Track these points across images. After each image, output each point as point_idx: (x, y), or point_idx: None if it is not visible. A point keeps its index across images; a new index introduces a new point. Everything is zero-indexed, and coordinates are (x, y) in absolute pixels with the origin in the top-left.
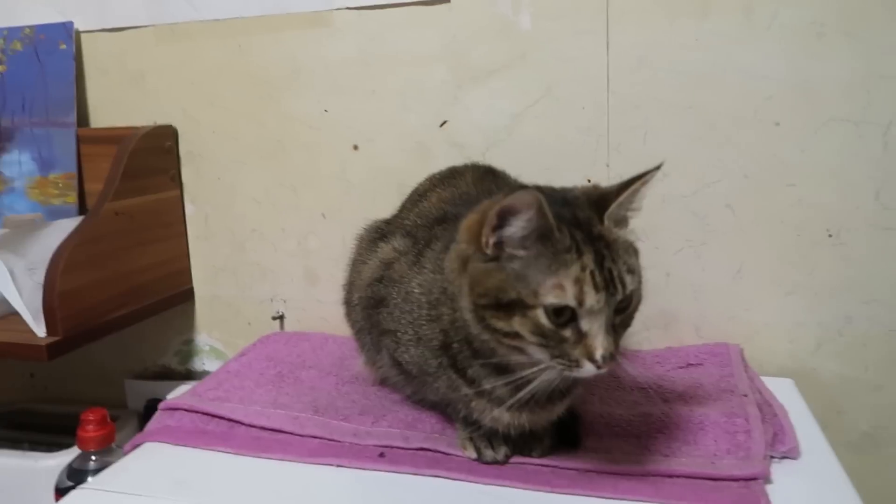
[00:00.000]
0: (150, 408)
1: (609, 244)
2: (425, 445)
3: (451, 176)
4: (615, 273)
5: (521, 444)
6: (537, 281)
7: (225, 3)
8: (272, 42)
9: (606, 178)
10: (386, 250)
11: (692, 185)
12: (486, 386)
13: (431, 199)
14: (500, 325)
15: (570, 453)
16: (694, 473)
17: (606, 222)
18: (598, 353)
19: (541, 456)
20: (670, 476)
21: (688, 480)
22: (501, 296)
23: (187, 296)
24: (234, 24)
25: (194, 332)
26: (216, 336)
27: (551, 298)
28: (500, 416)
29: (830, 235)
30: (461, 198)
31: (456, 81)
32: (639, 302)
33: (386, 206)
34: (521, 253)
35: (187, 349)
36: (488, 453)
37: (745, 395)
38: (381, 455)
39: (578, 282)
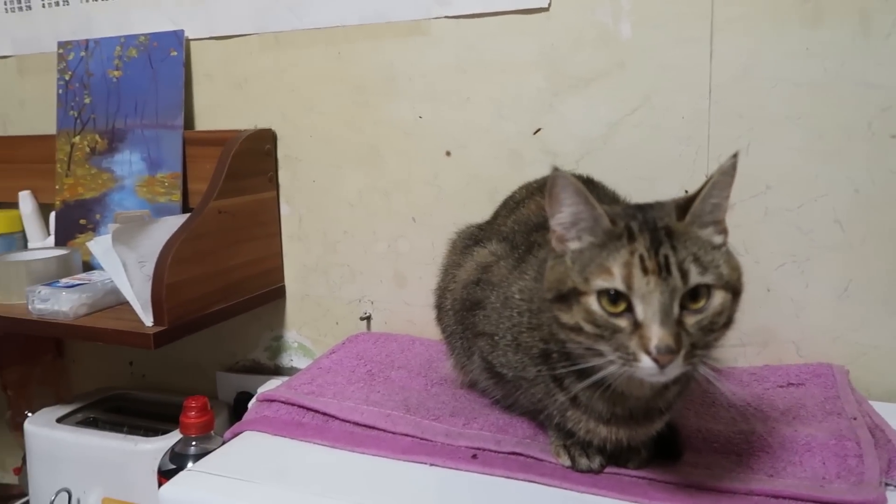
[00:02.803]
0: (241, 399)
1: (672, 233)
2: (517, 450)
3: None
4: (672, 259)
5: (617, 454)
6: (588, 267)
7: (326, 12)
8: (370, 50)
9: None
10: (483, 254)
11: (797, 198)
12: (573, 391)
13: (530, 206)
14: (565, 318)
15: (668, 466)
16: (801, 496)
17: (687, 219)
18: (653, 344)
19: (637, 468)
20: (775, 497)
21: (794, 502)
22: (561, 287)
23: (279, 293)
24: (335, 32)
25: (284, 329)
26: (305, 333)
27: (600, 282)
28: (597, 430)
29: None
30: None
31: (552, 89)
32: (724, 307)
33: (477, 212)
34: (576, 244)
35: (277, 345)
36: (583, 462)
37: (855, 419)
38: (474, 457)
39: (627, 265)
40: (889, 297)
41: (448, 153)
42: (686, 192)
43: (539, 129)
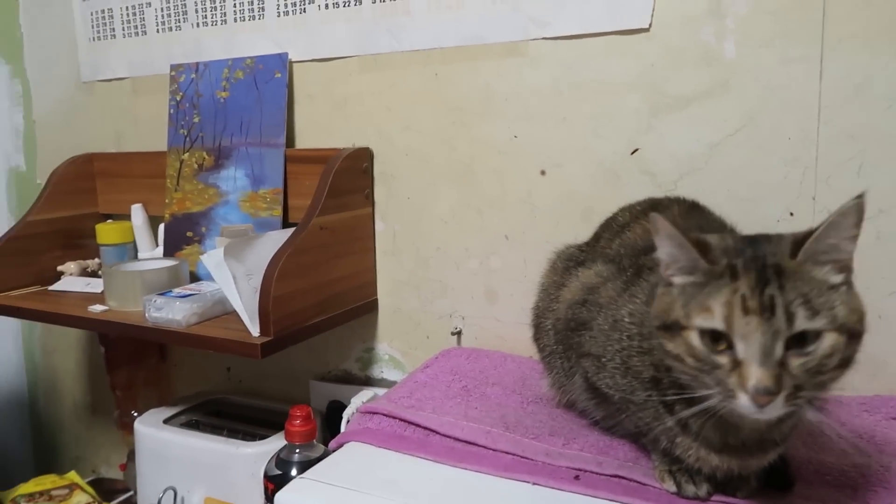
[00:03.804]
0: (333, 408)
1: (783, 272)
2: (620, 473)
3: (654, 208)
4: (779, 300)
5: (725, 482)
6: (690, 303)
7: (424, 35)
8: (467, 71)
9: (812, 212)
10: (588, 274)
11: None
12: (684, 417)
13: (636, 230)
14: (669, 346)
15: (778, 498)
16: None
17: (799, 257)
18: (750, 383)
19: (746, 497)
20: None
21: None
22: (666, 317)
23: (372, 307)
24: (433, 54)
25: (375, 341)
26: (396, 346)
27: (700, 320)
28: (708, 458)
29: None
30: None
31: (651, 109)
32: (836, 350)
33: (570, 231)
34: (680, 279)
35: (368, 356)
36: (690, 488)
37: None
38: (577, 478)
39: (728, 305)
40: None
41: (543, 172)
42: (791, 214)
43: (637, 150)
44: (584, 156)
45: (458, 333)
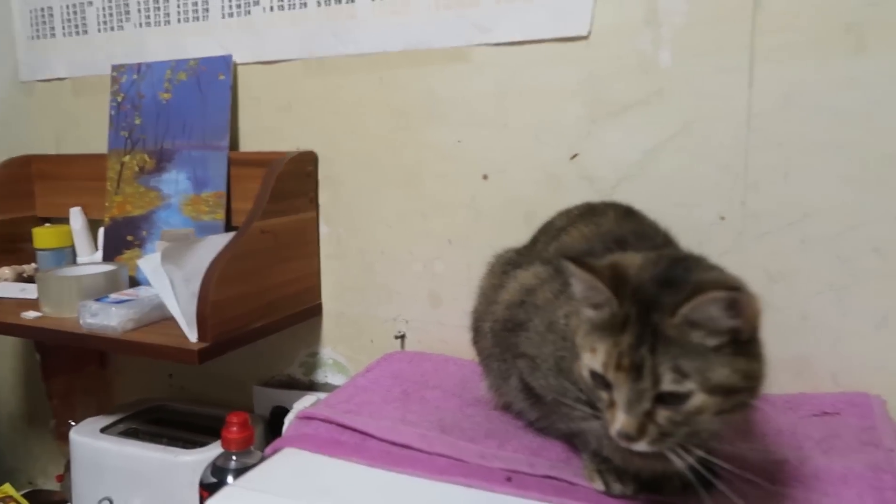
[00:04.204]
0: (276, 414)
1: (659, 333)
2: (551, 473)
3: (590, 213)
4: (647, 363)
5: (650, 480)
6: (587, 337)
7: (370, 39)
8: (412, 76)
9: (741, 217)
10: (526, 276)
11: (836, 226)
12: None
13: (573, 234)
14: (575, 364)
15: (700, 495)
16: None
17: (676, 318)
18: (614, 427)
19: (670, 495)
20: None
21: None
22: (573, 337)
23: (316, 311)
24: (378, 58)
25: (320, 346)
26: (340, 351)
27: (588, 357)
28: (632, 458)
29: None
30: (605, 235)
31: (590, 116)
32: (706, 409)
33: (513, 236)
34: (588, 311)
35: (312, 361)
36: (617, 487)
37: (892, 451)
38: (509, 479)
39: (608, 355)
40: None
41: (485, 177)
42: (722, 218)
43: (576, 155)
44: (525, 161)
45: (402, 337)
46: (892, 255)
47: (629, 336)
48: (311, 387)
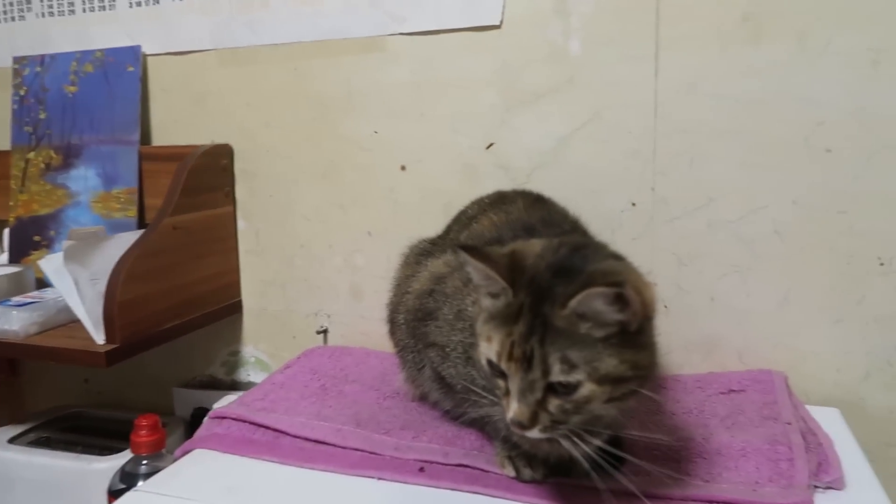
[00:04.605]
0: (197, 415)
1: (548, 326)
2: (464, 462)
3: (500, 201)
4: (537, 354)
5: (559, 464)
6: (485, 326)
7: (284, 29)
8: (328, 66)
9: (651, 202)
10: (437, 264)
11: (739, 210)
12: None
13: (483, 222)
14: (476, 352)
15: (608, 476)
16: (734, 500)
17: (566, 310)
18: (509, 415)
19: (579, 477)
20: (710, 502)
21: None
22: (474, 325)
23: (236, 308)
24: (293, 48)
25: (241, 344)
26: (262, 348)
27: (485, 346)
28: (540, 444)
29: (882, 264)
30: (514, 223)
31: (505, 105)
32: (594, 397)
33: (432, 226)
34: (486, 301)
35: (234, 360)
36: (526, 472)
37: (789, 423)
38: (421, 469)
39: (502, 345)
40: (826, 304)
41: (403, 168)
42: (633, 204)
43: (492, 144)
44: (443, 151)
45: (325, 332)
46: (791, 237)
47: (521, 326)
48: (234, 386)
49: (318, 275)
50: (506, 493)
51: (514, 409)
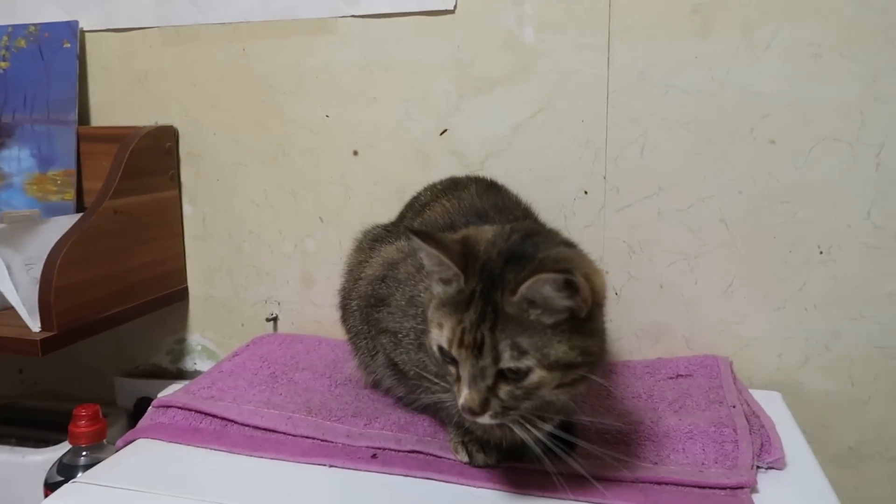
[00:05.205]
0: (140, 406)
1: (499, 311)
2: (417, 448)
3: (453, 187)
4: (487, 340)
5: (511, 449)
6: (436, 312)
7: (231, 7)
8: (277, 47)
9: (604, 191)
10: (389, 250)
11: (687, 199)
12: None
13: (436, 208)
14: (427, 339)
15: (559, 460)
16: (682, 481)
17: (516, 297)
18: (460, 401)
19: (531, 461)
20: (658, 483)
21: (676, 488)
22: (426, 311)
23: (181, 295)
24: (240, 28)
25: (187, 332)
26: (209, 336)
27: (436, 333)
28: (493, 429)
29: (821, 252)
30: (467, 209)
31: (458, 91)
32: (544, 384)
33: (384, 212)
34: (438, 287)
35: (179, 348)
36: (479, 457)
37: (734, 407)
38: (374, 456)
39: (453, 332)
40: (769, 292)
41: (356, 153)
42: (585, 192)
43: (445, 130)
44: (395, 136)
45: (275, 320)
46: (736, 226)
47: (472, 313)
48: (180, 375)
49: (267, 261)
50: (459, 479)
51: (465, 395)
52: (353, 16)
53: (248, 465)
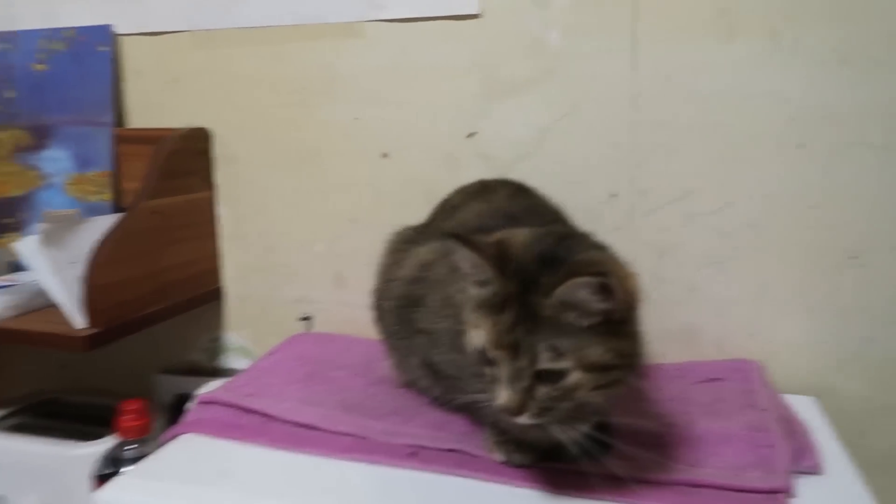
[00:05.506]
0: (179, 402)
1: (535, 316)
2: (454, 446)
3: (483, 190)
4: (524, 343)
5: (548, 450)
6: (473, 314)
7: (261, 12)
8: (308, 50)
9: (630, 194)
10: (423, 252)
11: (715, 203)
12: None
13: (467, 211)
14: (464, 339)
15: (597, 461)
16: (718, 484)
17: (552, 299)
18: (498, 402)
19: (568, 462)
20: (695, 486)
21: (712, 490)
22: (462, 312)
23: (216, 295)
24: (270, 32)
25: (222, 331)
26: (244, 335)
27: (473, 335)
28: (530, 429)
29: (852, 257)
30: (497, 212)
31: (485, 94)
32: (581, 385)
33: (414, 214)
34: (474, 290)
35: (215, 347)
36: (516, 457)
37: (768, 411)
38: (413, 454)
39: (490, 334)
40: (801, 296)
41: (385, 155)
42: (613, 195)
43: (473, 133)
44: (423, 139)
45: (308, 319)
46: (765, 230)
47: (509, 314)
48: (215, 373)
49: (300, 262)
50: (496, 478)
51: (503, 396)
52: (379, 20)
53: (290, 461)
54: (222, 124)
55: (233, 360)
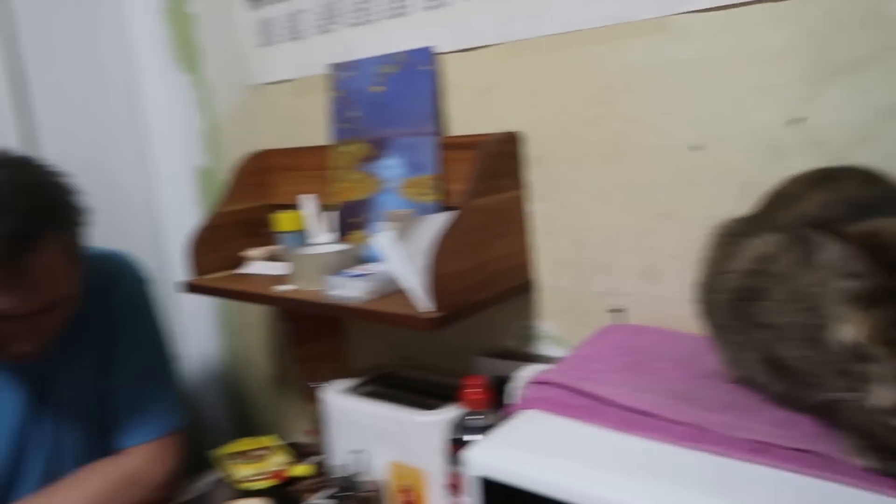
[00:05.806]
0: (497, 383)
1: None
2: (804, 446)
3: (826, 178)
4: None
5: None
6: (838, 307)
7: (563, 18)
8: (610, 50)
9: None
10: (757, 244)
11: None
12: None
13: (808, 201)
14: (825, 334)
15: None
16: None
17: None
18: (881, 402)
19: None
20: None
21: None
22: (816, 306)
23: (528, 286)
24: (573, 36)
25: (534, 320)
26: (554, 324)
27: (843, 330)
28: None
29: None
30: (845, 201)
31: (810, 77)
32: None
33: (726, 206)
34: (841, 281)
35: (528, 334)
36: (889, 465)
37: None
38: (759, 450)
39: (869, 327)
40: None
41: (695, 147)
42: None
43: (797, 120)
44: (738, 129)
45: (619, 311)
46: None
47: (890, 308)
48: (527, 358)
49: (610, 255)
50: (863, 483)
51: (888, 397)
52: (686, 12)
53: (630, 444)
54: (531, 127)
55: (544, 348)
